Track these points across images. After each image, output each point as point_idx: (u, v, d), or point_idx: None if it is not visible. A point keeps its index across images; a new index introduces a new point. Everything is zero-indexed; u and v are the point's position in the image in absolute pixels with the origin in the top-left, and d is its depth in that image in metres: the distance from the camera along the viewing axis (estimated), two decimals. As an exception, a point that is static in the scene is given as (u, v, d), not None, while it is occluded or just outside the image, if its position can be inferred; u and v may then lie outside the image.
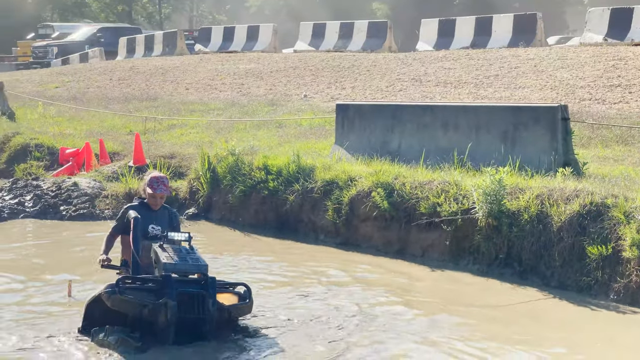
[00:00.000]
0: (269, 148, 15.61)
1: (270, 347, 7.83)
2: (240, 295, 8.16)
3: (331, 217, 12.81)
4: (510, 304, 9.56)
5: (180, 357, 7.37)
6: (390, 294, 9.91)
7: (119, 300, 7.58)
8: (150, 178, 8.44)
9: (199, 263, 7.86)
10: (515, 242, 10.61)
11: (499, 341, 8.21)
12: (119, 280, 7.70)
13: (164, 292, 7.57)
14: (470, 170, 12.30)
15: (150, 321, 7.63)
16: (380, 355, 7.77)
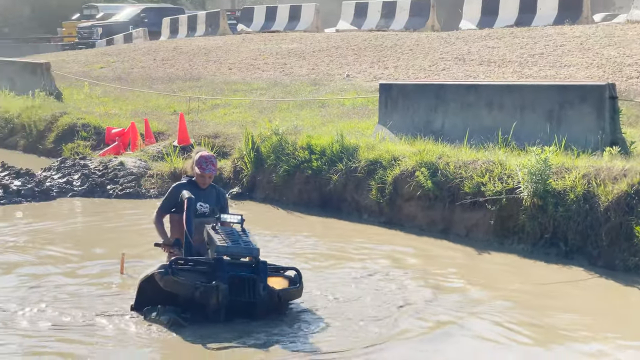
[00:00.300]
0: (312, 128, 15.63)
1: (318, 325, 7.85)
2: (291, 280, 8.22)
3: (375, 197, 12.82)
4: (557, 282, 9.50)
5: (230, 337, 7.41)
6: (435, 273, 9.90)
7: (171, 281, 7.66)
8: (199, 157, 8.48)
9: (251, 246, 7.91)
10: (561, 222, 10.54)
11: (548, 322, 8.16)
12: (172, 261, 7.77)
13: (216, 274, 7.65)
14: (515, 149, 12.22)
15: (201, 303, 7.71)
16: (430, 335, 7.73)
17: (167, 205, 8.51)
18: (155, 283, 7.78)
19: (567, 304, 8.74)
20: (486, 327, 7.90)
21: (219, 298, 7.62)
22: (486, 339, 7.60)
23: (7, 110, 22.02)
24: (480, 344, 7.46)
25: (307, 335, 7.58)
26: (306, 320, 7.96)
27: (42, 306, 8.28)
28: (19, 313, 8.04)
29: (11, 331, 7.46)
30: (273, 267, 8.20)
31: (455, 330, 7.82)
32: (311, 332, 7.65)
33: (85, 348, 7.09)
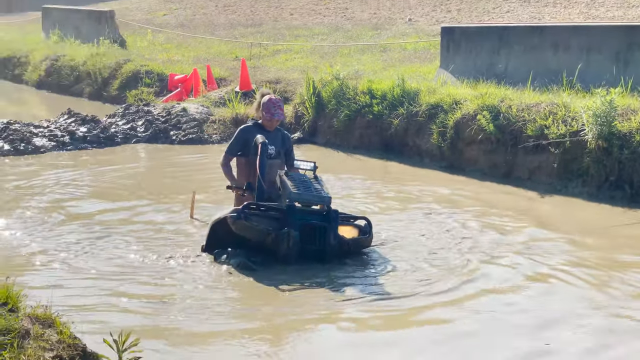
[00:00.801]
0: (373, 72, 15.55)
1: (385, 269, 7.84)
2: (361, 229, 8.25)
3: (436, 141, 12.75)
4: (622, 224, 9.38)
5: (299, 280, 7.48)
6: (499, 216, 9.82)
7: (243, 225, 7.73)
8: (267, 101, 8.43)
9: (323, 194, 7.95)
10: (626, 165, 10.38)
11: (617, 265, 8.05)
12: (245, 206, 7.82)
13: (288, 221, 7.70)
14: (580, 92, 12.03)
15: (272, 248, 7.79)
16: (496, 275, 7.70)
17: (235, 149, 8.49)
18: (226, 226, 7.84)
19: (633, 245, 8.62)
20: (551, 270, 7.82)
21: (289, 244, 7.68)
22: (553, 280, 7.54)
23: (72, 58, 22.32)
24: (549, 287, 7.38)
25: (376, 278, 7.58)
26: (375, 264, 7.96)
27: (114, 250, 8.39)
28: (90, 256, 8.17)
29: (83, 274, 7.58)
30: (344, 216, 8.22)
31: (522, 271, 7.76)
32: (380, 276, 7.66)
33: (158, 289, 7.20)
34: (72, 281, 7.39)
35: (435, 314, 6.71)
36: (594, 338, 6.14)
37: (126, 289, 7.20)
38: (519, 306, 6.86)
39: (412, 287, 7.32)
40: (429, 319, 6.61)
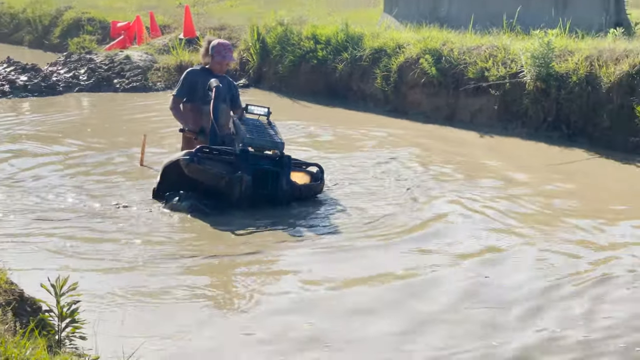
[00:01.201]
0: (317, 18, 15.54)
1: (334, 213, 7.87)
2: (313, 175, 8.31)
3: (380, 85, 12.86)
4: (560, 163, 9.60)
5: (250, 224, 7.48)
6: (442, 157, 9.98)
7: (196, 168, 7.71)
8: (218, 45, 8.40)
9: (276, 140, 7.94)
10: (563, 105, 10.60)
11: (553, 199, 8.25)
12: (198, 149, 7.79)
13: (241, 166, 7.71)
14: (520, 34, 12.19)
15: (224, 192, 7.80)
16: (441, 213, 7.83)
17: (183, 91, 8.41)
18: (179, 169, 7.81)
19: (569, 183, 8.85)
20: (487, 207, 7.97)
21: (242, 189, 7.70)
22: (491, 218, 7.70)
23: (11, 6, 21.95)
24: (488, 222, 7.53)
25: (328, 219, 7.65)
26: (326, 207, 8.01)
27: (58, 197, 8.25)
28: (34, 203, 8.02)
29: (26, 220, 7.39)
30: (297, 162, 8.28)
31: (460, 210, 7.89)
32: (331, 217, 7.72)
33: (105, 236, 7.10)
34: (13, 227, 7.26)
35: (381, 252, 6.78)
36: (527, 271, 6.32)
37: (72, 235, 7.07)
38: (460, 243, 6.97)
39: (361, 227, 7.39)
40: (376, 258, 6.69)
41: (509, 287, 5.95)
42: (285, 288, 5.99)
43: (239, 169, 7.70)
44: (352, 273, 6.25)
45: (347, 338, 5.11)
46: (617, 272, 6.16)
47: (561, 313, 5.48)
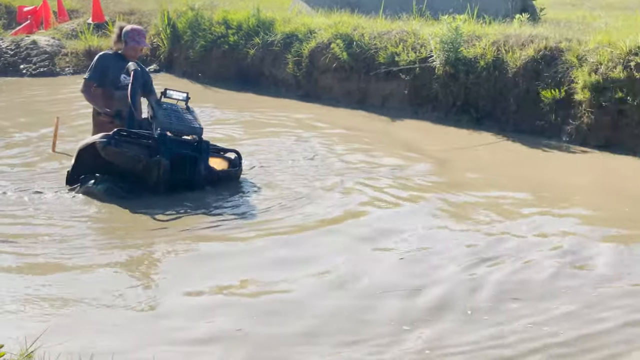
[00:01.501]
0: (229, 3, 15.45)
1: (251, 195, 7.91)
2: (231, 161, 8.30)
3: (292, 70, 12.88)
4: (469, 146, 9.78)
5: (167, 206, 7.44)
6: (355, 140, 10.08)
7: (113, 151, 7.59)
8: (131, 30, 8.29)
9: (195, 125, 7.92)
10: (472, 89, 10.78)
11: (462, 180, 8.43)
12: (116, 132, 7.66)
13: (159, 150, 7.64)
14: (429, 19, 12.34)
15: (142, 176, 7.71)
16: (350, 195, 7.92)
17: (95, 75, 8.25)
18: (95, 152, 7.67)
19: (477, 164, 9.03)
20: (398, 187, 8.10)
21: (160, 173, 7.64)
22: (398, 198, 7.80)
23: None
24: (397, 207, 7.64)
25: (246, 202, 7.67)
26: (243, 190, 8.01)
27: None
28: None
29: None
30: (215, 148, 8.26)
31: (372, 192, 7.98)
32: (249, 199, 7.75)
33: (17, 222, 6.94)
34: None
35: (298, 238, 6.80)
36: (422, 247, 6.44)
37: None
38: (378, 222, 7.07)
39: (281, 209, 7.41)
40: (293, 244, 6.71)
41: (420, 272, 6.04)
42: (202, 282, 5.92)
43: (157, 153, 7.63)
44: (266, 262, 6.25)
45: (267, 332, 5.04)
46: (501, 255, 6.27)
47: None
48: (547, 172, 8.66)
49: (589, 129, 9.48)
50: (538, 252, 6.26)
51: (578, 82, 9.54)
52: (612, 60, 9.23)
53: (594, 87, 9.32)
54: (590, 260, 6.13)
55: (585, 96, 9.42)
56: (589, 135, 9.48)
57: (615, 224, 6.94)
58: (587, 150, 9.39)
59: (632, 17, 10.83)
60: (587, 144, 9.46)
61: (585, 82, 9.40)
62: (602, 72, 9.29)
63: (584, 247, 6.39)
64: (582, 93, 9.46)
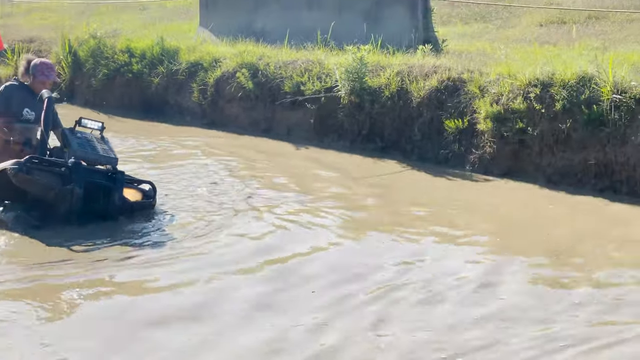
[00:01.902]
0: (132, 31, 15.34)
1: (163, 222, 7.95)
2: (145, 193, 8.25)
3: (197, 99, 12.84)
4: (374, 175, 9.89)
5: (76, 236, 7.37)
6: (259, 169, 10.14)
7: (25, 179, 7.44)
8: (41, 64, 8.24)
9: (110, 155, 7.88)
10: (377, 119, 10.90)
11: (366, 207, 8.57)
12: (28, 159, 7.50)
13: (73, 178, 7.52)
14: (334, 49, 12.45)
15: (53, 204, 7.58)
16: (254, 223, 7.97)
17: (1, 105, 8.12)
18: (5, 179, 7.49)
19: (382, 193, 9.15)
20: (302, 216, 8.19)
21: (73, 202, 7.52)
22: (298, 224, 7.90)
23: None
24: (298, 230, 7.73)
25: (157, 232, 7.66)
26: (154, 219, 7.99)
27: None
28: None
29: None
30: (129, 179, 8.20)
31: (269, 217, 8.12)
32: (161, 228, 7.74)
33: None
34: None
35: (203, 265, 6.87)
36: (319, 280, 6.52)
37: None
38: (286, 249, 7.17)
39: (187, 241, 7.40)
40: (199, 270, 6.74)
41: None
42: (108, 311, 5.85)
43: (70, 182, 7.51)
44: (173, 287, 6.22)
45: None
46: (406, 282, 6.37)
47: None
48: (450, 199, 8.83)
49: (491, 158, 9.68)
50: (441, 281, 6.37)
51: (480, 112, 9.75)
52: (513, 92, 9.47)
53: (495, 118, 9.53)
54: (494, 288, 6.25)
55: (487, 126, 9.63)
56: (492, 164, 9.68)
57: (516, 251, 7.10)
58: (489, 178, 9.58)
59: (530, 50, 11.13)
60: (490, 173, 9.65)
61: (487, 113, 9.61)
62: (504, 102, 9.52)
63: (486, 274, 6.52)
64: (485, 123, 9.67)
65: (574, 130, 8.96)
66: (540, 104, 9.18)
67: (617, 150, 8.64)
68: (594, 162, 8.82)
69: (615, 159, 8.65)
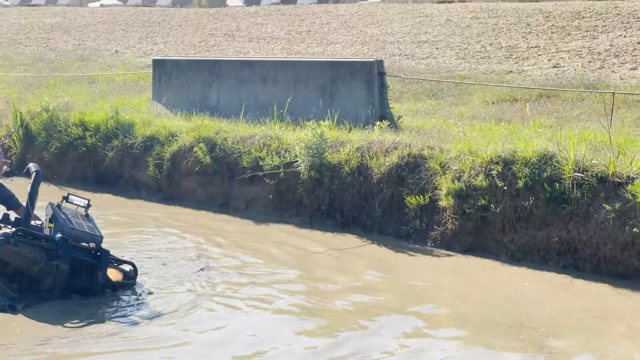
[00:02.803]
0: (84, 104, 15.27)
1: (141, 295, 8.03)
2: (126, 274, 8.32)
3: (153, 173, 12.77)
4: (335, 249, 9.92)
5: (58, 311, 7.38)
6: (215, 244, 10.14)
7: (11, 250, 7.43)
8: None
9: (95, 233, 7.95)
10: (337, 194, 10.95)
11: (325, 281, 8.67)
12: (17, 231, 7.53)
13: (58, 254, 7.55)
14: (290, 124, 12.53)
15: (36, 279, 7.60)
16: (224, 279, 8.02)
17: None
18: None
19: (340, 268, 9.21)
20: (256, 294, 8.25)
21: (57, 277, 7.56)
22: (256, 305, 7.91)
23: None
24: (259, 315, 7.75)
25: (136, 307, 7.78)
26: (134, 296, 8.11)
27: None
28: None
29: None
30: (112, 258, 8.27)
31: (227, 295, 8.21)
32: (139, 304, 7.87)
33: None
34: None
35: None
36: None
37: None
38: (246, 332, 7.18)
39: (165, 317, 7.52)
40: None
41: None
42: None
43: (56, 257, 7.54)
44: None
45: None
46: None
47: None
48: (409, 275, 8.91)
49: (453, 234, 9.78)
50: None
51: (442, 188, 9.87)
52: (474, 169, 9.61)
53: (457, 194, 9.66)
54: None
55: (449, 202, 9.75)
56: (454, 240, 9.78)
57: (477, 327, 7.16)
58: (451, 254, 9.66)
59: (486, 127, 11.35)
60: (452, 249, 9.74)
61: (448, 189, 9.74)
62: (465, 179, 9.66)
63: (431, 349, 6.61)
64: (446, 199, 9.78)
65: (536, 208, 9.12)
66: (502, 181, 9.34)
67: (579, 227, 8.81)
68: (556, 239, 8.96)
69: (578, 237, 8.81)
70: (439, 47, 18.18)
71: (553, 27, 18.45)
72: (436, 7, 22.36)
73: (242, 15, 24.39)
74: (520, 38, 17.98)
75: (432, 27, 19.98)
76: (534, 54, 16.55)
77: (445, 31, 19.55)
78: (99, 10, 28.68)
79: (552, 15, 19.50)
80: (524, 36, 18.09)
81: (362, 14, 22.62)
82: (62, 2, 32.37)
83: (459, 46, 18.03)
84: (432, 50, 17.94)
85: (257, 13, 24.48)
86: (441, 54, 17.61)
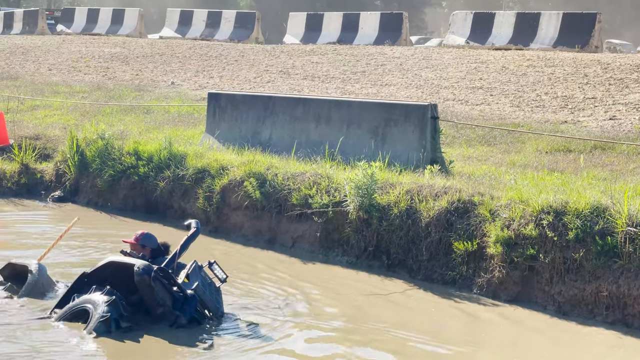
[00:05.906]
0: (138, 133, 15.46)
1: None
2: None
3: (202, 205, 12.84)
4: (379, 294, 9.87)
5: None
6: (260, 281, 10.15)
7: (147, 283, 7.81)
8: None
9: (220, 307, 8.39)
10: (384, 236, 10.91)
11: (365, 330, 8.57)
12: (160, 268, 7.94)
13: (183, 307, 8.01)
14: (341, 163, 12.55)
15: (152, 315, 8.01)
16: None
17: None
18: (127, 272, 7.89)
19: (385, 314, 9.13)
20: (308, 335, 8.21)
21: (172, 324, 7.98)
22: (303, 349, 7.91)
23: None
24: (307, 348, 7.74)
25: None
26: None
27: None
28: None
29: None
30: None
31: (271, 334, 8.24)
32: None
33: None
34: None
35: None
36: None
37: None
38: None
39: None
40: None
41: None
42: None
43: (180, 308, 7.97)
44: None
45: None
46: None
47: None
48: (454, 323, 8.81)
49: (499, 282, 9.68)
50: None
51: (490, 236, 9.79)
52: (525, 217, 9.53)
53: (506, 242, 9.57)
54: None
55: (497, 250, 9.66)
56: (500, 288, 9.68)
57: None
58: (497, 303, 9.55)
59: (538, 176, 11.26)
60: (498, 297, 9.64)
61: (497, 237, 9.66)
62: (515, 228, 9.57)
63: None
64: (494, 247, 9.70)
65: (587, 260, 9.00)
66: (552, 232, 9.24)
67: (630, 282, 8.67)
68: (606, 294, 8.83)
69: (629, 292, 8.67)
70: (494, 93, 18.14)
71: (611, 79, 18.33)
72: (492, 54, 22.34)
73: (298, 52, 24.58)
74: (577, 88, 17.88)
75: (487, 74, 19.95)
76: (590, 105, 16.44)
77: (500, 78, 19.51)
78: (157, 42, 29.13)
79: (610, 67, 19.38)
80: (580, 87, 17.99)
81: (417, 57, 22.67)
82: (122, 32, 32.93)
83: (514, 94, 17.98)
84: (487, 97, 17.90)
85: (313, 52, 24.65)
86: (495, 100, 17.56)
